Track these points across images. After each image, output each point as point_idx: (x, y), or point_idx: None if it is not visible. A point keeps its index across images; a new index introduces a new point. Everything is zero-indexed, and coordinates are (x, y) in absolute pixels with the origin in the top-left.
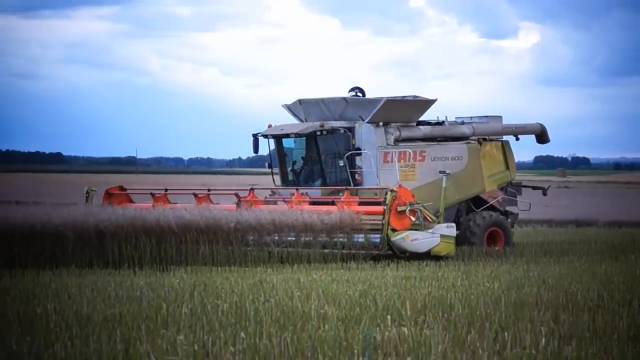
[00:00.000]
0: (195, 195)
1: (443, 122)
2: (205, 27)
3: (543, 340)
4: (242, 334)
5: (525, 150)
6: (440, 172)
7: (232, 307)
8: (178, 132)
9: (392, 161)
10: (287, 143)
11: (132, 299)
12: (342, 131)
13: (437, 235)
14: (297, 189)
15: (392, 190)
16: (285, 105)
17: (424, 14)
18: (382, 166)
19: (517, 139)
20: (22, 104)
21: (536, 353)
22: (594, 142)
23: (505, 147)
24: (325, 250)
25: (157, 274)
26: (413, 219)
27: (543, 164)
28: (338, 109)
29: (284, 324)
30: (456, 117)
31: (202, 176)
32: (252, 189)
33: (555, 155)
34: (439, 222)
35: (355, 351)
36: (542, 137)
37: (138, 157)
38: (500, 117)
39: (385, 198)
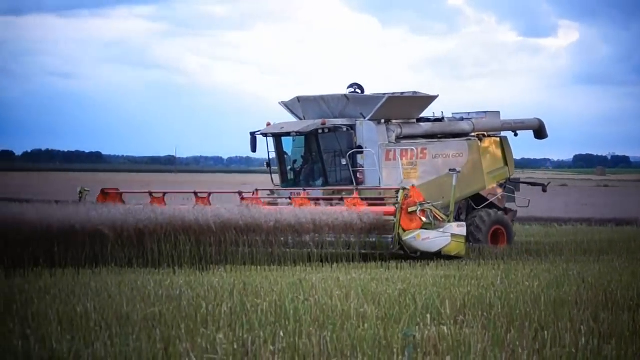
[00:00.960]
0: (196, 194)
1: (442, 118)
2: (242, 26)
3: (583, 339)
4: (282, 333)
5: (565, 149)
6: (450, 170)
7: (271, 306)
8: (217, 131)
9: (394, 159)
10: (286, 142)
11: (171, 298)
12: (344, 129)
13: (448, 235)
14: (304, 189)
15: (404, 189)
16: (282, 102)
17: (463, 12)
18: (385, 164)
19: (516, 135)
20: (61, 104)
21: (576, 352)
22: (634, 141)
23: (503, 143)
24: (340, 250)
25: (196, 273)
26: (424, 219)
27: (583, 162)
28: (338, 106)
29: (324, 322)
30: (453, 113)
31: (242, 175)
32: (256, 190)
33: (595, 154)
34: (449, 221)
35: (395, 350)
36: (540, 132)
37: (177, 156)
38: (498, 113)
39: (397, 197)
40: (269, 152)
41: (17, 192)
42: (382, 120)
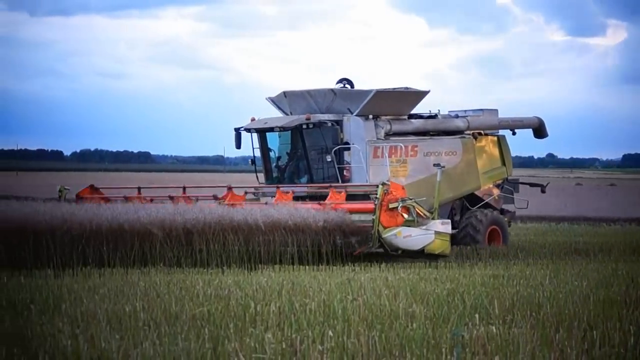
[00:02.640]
0: (170, 197)
1: (436, 115)
2: (291, 26)
3: (632, 339)
4: (330, 333)
5: (613, 148)
6: (434, 164)
7: (320, 306)
8: None
9: (382, 156)
10: (272, 138)
11: (220, 298)
12: (329, 124)
13: (432, 232)
14: (277, 187)
15: (383, 184)
16: (269, 97)
17: (510, 12)
18: (372, 161)
19: (514, 134)
20: (110, 104)
21: (625, 352)
22: None
23: (501, 142)
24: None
25: (245, 273)
26: (406, 216)
27: (632, 162)
28: (325, 101)
29: (372, 322)
30: (449, 111)
31: None
32: (230, 188)
33: None
34: (433, 219)
35: (444, 350)
36: (539, 131)
37: (226, 155)
38: (496, 111)
39: (377, 192)
40: (253, 149)
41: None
42: (370, 116)
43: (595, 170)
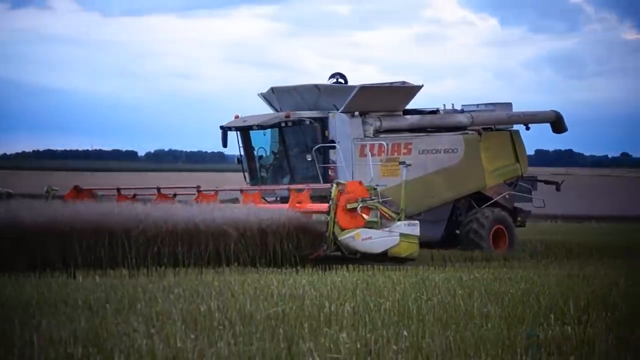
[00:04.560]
0: (158, 190)
1: (437, 110)
2: (364, 26)
3: None
4: (405, 332)
5: None
6: (399, 162)
7: (394, 305)
8: None
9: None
10: (258, 136)
11: (294, 297)
12: (307, 122)
13: (396, 234)
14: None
15: (338, 183)
16: (260, 94)
17: (583, 10)
18: (358, 160)
19: (528, 129)
20: (183, 104)
21: None
22: None
23: (514, 138)
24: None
25: (319, 273)
26: (366, 217)
27: None
28: (312, 97)
29: (447, 322)
30: (462, 105)
31: None
32: (199, 191)
33: None
34: (399, 220)
35: (518, 350)
36: (557, 125)
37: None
38: (509, 105)
39: (331, 192)
40: (239, 148)
41: (141, 192)
42: (357, 113)
43: None
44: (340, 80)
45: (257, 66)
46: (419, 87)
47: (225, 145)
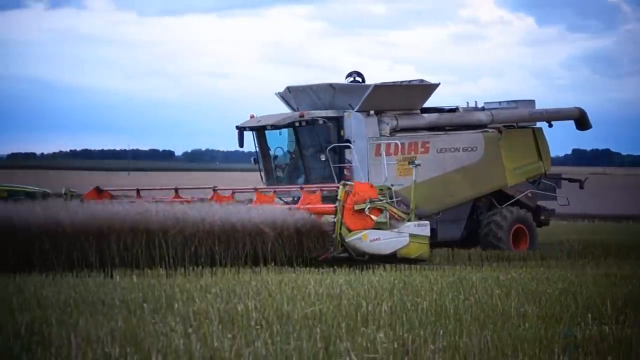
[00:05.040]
0: (176, 190)
1: (457, 108)
2: (400, 25)
3: None
4: (442, 332)
5: None
6: (409, 162)
7: (431, 305)
8: None
9: (386, 154)
10: (273, 136)
11: (332, 297)
12: (321, 122)
13: (406, 235)
14: (274, 190)
15: (344, 184)
16: (277, 93)
17: (621, 9)
18: (373, 160)
19: (550, 126)
20: (218, 103)
21: None
22: None
23: (537, 135)
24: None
25: (356, 272)
26: (374, 218)
27: None
28: (327, 96)
29: (484, 322)
30: (485, 103)
31: None
32: (215, 190)
33: None
34: (409, 220)
35: (556, 350)
36: (581, 122)
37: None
38: (532, 102)
39: (338, 194)
40: (255, 148)
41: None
42: (372, 112)
43: None
44: (358, 79)
45: (292, 66)
46: (435, 85)
47: (241, 145)
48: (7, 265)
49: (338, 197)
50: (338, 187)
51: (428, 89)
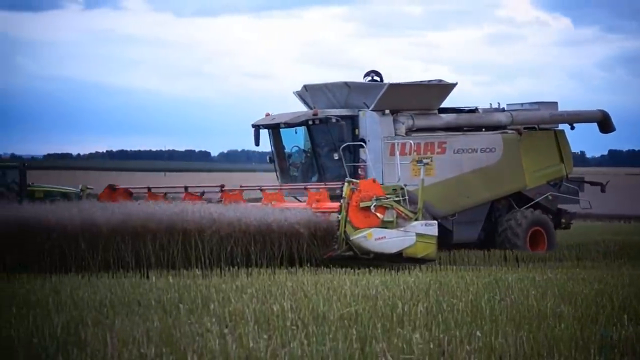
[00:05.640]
0: (185, 189)
1: (476, 109)
2: (436, 26)
3: None
4: (478, 333)
5: None
6: (417, 161)
7: (467, 306)
8: None
9: (401, 154)
10: (289, 134)
11: (367, 298)
12: (334, 120)
13: (412, 234)
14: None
15: (350, 182)
16: (295, 92)
17: None
18: (388, 159)
19: (572, 128)
20: (257, 104)
21: None
22: None
23: (559, 137)
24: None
25: (392, 273)
26: (381, 216)
27: None
28: (342, 95)
29: (520, 322)
30: (507, 105)
31: None
32: (222, 190)
33: None
34: (417, 219)
35: (592, 350)
36: (604, 125)
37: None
38: (555, 104)
39: (342, 191)
40: (271, 146)
41: (212, 193)
42: (387, 111)
43: None
44: (376, 78)
45: (329, 66)
46: (453, 85)
47: (257, 143)
48: (44, 266)
49: (343, 195)
50: (343, 185)
51: (445, 88)
